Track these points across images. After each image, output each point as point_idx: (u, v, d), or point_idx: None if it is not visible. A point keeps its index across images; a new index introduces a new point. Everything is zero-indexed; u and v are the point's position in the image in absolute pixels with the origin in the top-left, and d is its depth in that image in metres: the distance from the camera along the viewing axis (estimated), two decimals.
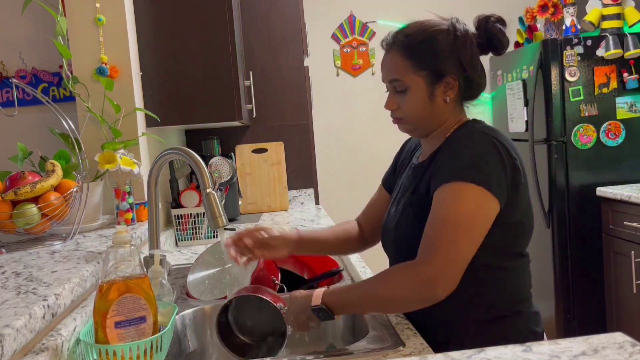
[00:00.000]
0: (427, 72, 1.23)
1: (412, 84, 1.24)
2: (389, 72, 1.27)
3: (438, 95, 1.24)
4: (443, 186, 1.15)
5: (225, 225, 1.37)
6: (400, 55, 1.25)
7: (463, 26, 1.25)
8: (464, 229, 1.11)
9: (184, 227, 2.32)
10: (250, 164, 2.96)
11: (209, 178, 1.37)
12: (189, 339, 1.44)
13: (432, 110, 1.25)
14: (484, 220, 1.13)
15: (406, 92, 1.25)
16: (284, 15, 3.02)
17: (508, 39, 1.27)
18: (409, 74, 1.23)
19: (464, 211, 1.11)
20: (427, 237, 1.13)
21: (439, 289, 1.10)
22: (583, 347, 0.79)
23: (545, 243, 3.23)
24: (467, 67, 1.23)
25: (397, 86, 1.26)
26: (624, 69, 3.15)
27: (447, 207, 1.13)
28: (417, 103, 1.24)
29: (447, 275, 1.10)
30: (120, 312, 1.01)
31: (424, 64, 1.22)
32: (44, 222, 1.59)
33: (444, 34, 1.23)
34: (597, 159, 3.17)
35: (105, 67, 2.00)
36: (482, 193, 1.12)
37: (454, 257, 1.10)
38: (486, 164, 1.14)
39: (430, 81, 1.23)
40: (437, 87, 1.23)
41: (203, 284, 1.58)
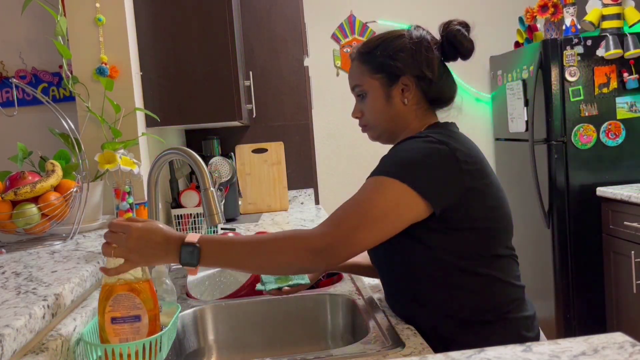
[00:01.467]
0: (381, 74, 1.27)
1: (369, 88, 1.28)
2: (351, 79, 1.34)
3: (395, 97, 1.26)
4: (371, 177, 1.18)
5: (222, 222, 1.37)
6: (358, 62, 1.31)
7: (421, 32, 1.28)
8: (370, 220, 1.12)
9: (184, 227, 2.32)
10: (250, 164, 2.96)
11: (209, 178, 1.38)
12: (189, 339, 1.44)
13: (393, 113, 1.28)
14: (396, 217, 1.13)
15: (366, 96, 1.29)
16: (284, 15, 3.02)
17: (471, 41, 1.26)
18: (366, 78, 1.28)
19: (377, 203, 1.13)
20: (335, 214, 1.15)
21: (322, 261, 1.11)
22: (583, 347, 0.79)
23: (545, 243, 3.23)
24: (424, 68, 1.24)
25: (357, 92, 1.31)
26: (624, 69, 3.15)
27: (365, 195, 1.15)
28: (375, 106, 1.28)
29: (333, 252, 1.11)
30: (116, 308, 1.01)
31: (378, 66, 1.27)
32: (44, 222, 1.59)
33: (399, 38, 1.27)
34: (597, 159, 3.17)
35: (105, 67, 2.00)
36: (404, 191, 1.13)
37: (347, 240, 1.11)
38: (421, 166, 1.15)
39: (385, 83, 1.26)
40: (394, 89, 1.26)
41: (203, 284, 1.58)
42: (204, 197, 1.37)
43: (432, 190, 1.14)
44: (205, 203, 1.37)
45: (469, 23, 1.27)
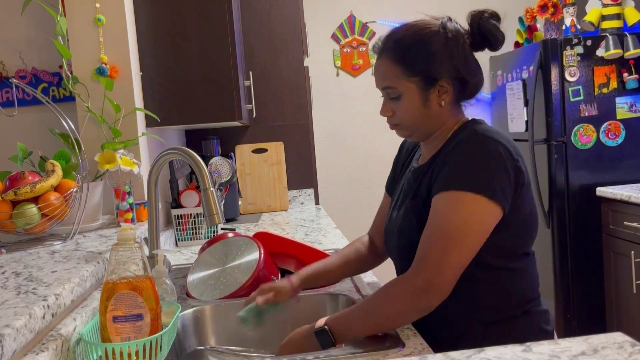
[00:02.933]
0: (419, 77, 1.20)
1: (404, 90, 1.21)
2: (382, 79, 1.25)
3: (433, 100, 1.22)
4: (440, 194, 1.15)
5: (221, 222, 1.37)
6: (391, 61, 1.22)
7: (454, 25, 1.22)
8: (456, 240, 1.11)
9: (184, 227, 2.32)
10: (250, 164, 2.96)
11: (209, 178, 1.38)
12: (189, 339, 1.44)
13: (428, 115, 1.23)
14: (480, 229, 1.12)
15: (400, 98, 1.23)
16: (284, 15, 3.02)
17: (503, 33, 1.23)
18: (401, 81, 1.21)
19: (456, 221, 1.11)
20: (420, 247, 1.15)
21: (432, 297, 1.11)
22: (583, 347, 0.79)
23: (545, 243, 3.23)
24: (461, 69, 1.20)
25: (390, 93, 1.24)
26: (624, 69, 3.15)
27: (440, 217, 1.13)
28: (411, 109, 1.22)
29: (438, 284, 1.10)
30: (118, 307, 1.01)
31: (416, 69, 1.20)
32: (44, 222, 1.59)
33: (435, 36, 1.20)
34: (597, 159, 3.17)
35: (105, 67, 2.00)
36: (479, 201, 1.11)
37: (444, 267, 1.10)
38: (486, 170, 1.13)
39: (423, 87, 1.21)
40: (431, 92, 1.21)
41: (203, 284, 1.58)
42: (204, 197, 1.37)
43: (498, 191, 1.12)
44: (205, 203, 1.37)
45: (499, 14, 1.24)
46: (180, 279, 1.74)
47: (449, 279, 1.11)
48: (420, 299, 1.11)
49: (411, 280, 1.12)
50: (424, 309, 1.13)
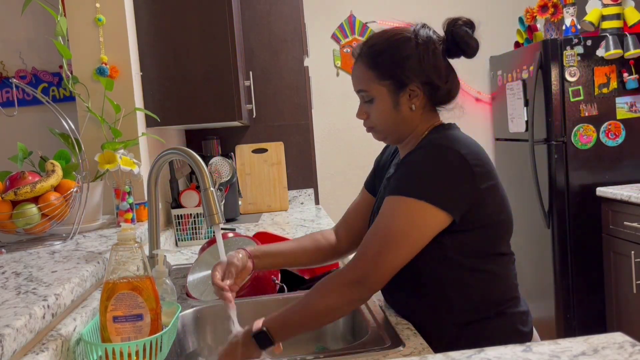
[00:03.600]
0: (389, 81, 1.24)
1: (376, 94, 1.26)
2: (356, 82, 1.29)
3: (403, 104, 1.25)
4: (388, 197, 1.20)
5: (221, 222, 1.37)
6: (364, 65, 1.27)
7: (427, 32, 1.25)
8: (392, 242, 1.15)
9: (184, 227, 2.32)
10: (250, 164, 2.96)
11: (209, 178, 1.38)
12: (189, 339, 1.44)
13: (400, 119, 1.26)
14: (419, 234, 1.15)
15: (373, 101, 1.27)
16: (284, 15, 3.02)
17: (476, 40, 1.25)
18: (373, 84, 1.25)
19: (395, 225, 1.16)
20: (360, 244, 1.19)
21: (364, 290, 1.16)
22: (583, 347, 0.79)
23: (545, 243, 3.23)
24: (431, 75, 1.23)
25: (364, 96, 1.28)
26: (624, 69, 3.15)
27: (383, 218, 1.18)
28: (383, 112, 1.26)
29: (370, 278, 1.15)
30: (118, 307, 1.01)
31: (386, 73, 1.24)
32: (44, 222, 1.59)
33: (406, 42, 1.24)
34: (597, 159, 3.17)
35: (105, 67, 2.00)
36: (420, 207, 1.14)
37: (377, 265, 1.14)
38: (434, 178, 1.16)
39: (393, 90, 1.24)
40: (402, 96, 1.24)
41: (203, 284, 1.58)
42: (204, 197, 1.37)
43: (450, 200, 1.15)
44: (205, 203, 1.37)
45: (473, 21, 1.26)
46: (180, 279, 1.74)
47: (381, 276, 1.15)
48: (352, 291, 1.15)
49: (345, 274, 1.17)
50: (356, 301, 1.18)
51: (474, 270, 1.20)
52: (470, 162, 1.16)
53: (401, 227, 1.15)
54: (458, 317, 1.21)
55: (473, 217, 1.17)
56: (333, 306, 1.17)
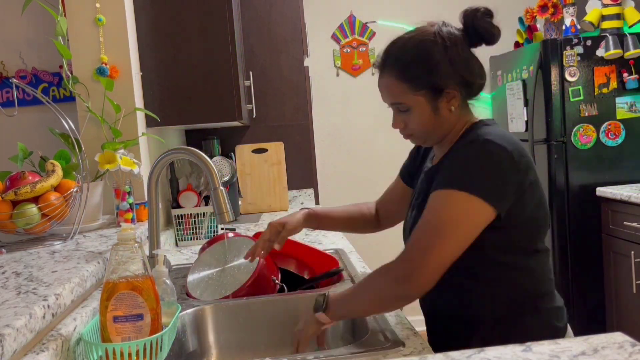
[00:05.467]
0: (426, 90, 1.22)
1: (413, 104, 1.23)
2: (388, 96, 1.26)
3: (442, 108, 1.24)
4: (435, 192, 1.18)
5: (231, 220, 1.38)
6: (394, 79, 1.23)
7: (449, 30, 1.23)
8: (443, 235, 1.13)
9: (185, 227, 2.32)
10: (250, 164, 2.96)
11: (217, 176, 1.39)
12: (189, 339, 1.44)
13: (440, 122, 1.25)
14: (468, 228, 1.14)
15: (410, 111, 1.24)
16: (284, 15, 3.02)
17: (498, 28, 1.24)
18: (409, 96, 1.23)
19: (446, 218, 1.14)
20: (410, 239, 1.18)
21: (411, 288, 1.14)
22: (583, 347, 0.79)
23: (546, 243, 3.23)
24: (465, 74, 1.22)
25: (400, 107, 1.25)
26: (623, 69, 3.15)
27: (431, 212, 1.17)
28: (423, 120, 1.24)
29: (418, 275, 1.13)
30: (118, 307, 1.01)
31: (421, 84, 1.21)
32: (44, 222, 1.59)
33: (433, 47, 1.21)
34: (597, 159, 3.17)
35: (105, 67, 2.00)
36: (471, 201, 1.13)
37: (426, 260, 1.13)
38: (482, 171, 1.15)
39: (431, 98, 1.22)
40: (440, 101, 1.23)
41: (203, 284, 1.58)
42: (214, 196, 1.38)
43: (496, 194, 1.14)
44: (215, 202, 1.38)
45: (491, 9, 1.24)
46: (180, 279, 1.74)
47: (430, 273, 1.13)
48: (399, 288, 1.15)
49: (393, 269, 1.17)
50: (403, 298, 1.17)
51: (510, 266, 1.21)
52: (516, 157, 1.16)
53: (450, 220, 1.14)
54: (493, 313, 1.21)
55: (515, 213, 1.17)
56: (380, 300, 1.19)
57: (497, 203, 1.14)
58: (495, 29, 1.24)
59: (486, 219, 1.15)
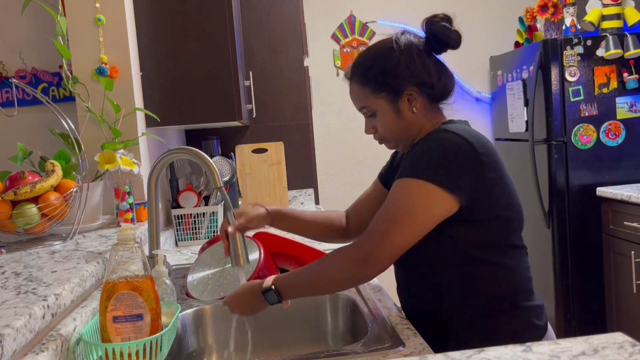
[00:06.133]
0: (385, 92, 1.28)
1: (376, 107, 1.30)
2: (355, 101, 1.34)
3: (404, 109, 1.28)
4: (395, 181, 1.22)
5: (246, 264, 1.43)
6: (358, 84, 1.32)
7: (407, 37, 1.29)
8: (399, 221, 1.18)
9: (185, 227, 2.32)
10: (250, 164, 2.96)
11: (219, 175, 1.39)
12: (188, 339, 1.44)
13: (405, 124, 1.30)
14: (425, 214, 1.18)
15: (375, 115, 1.31)
16: (284, 15, 3.02)
17: (457, 32, 1.28)
18: (371, 99, 1.30)
19: (402, 204, 1.18)
20: (370, 224, 1.22)
21: (369, 268, 1.18)
22: (583, 347, 0.79)
23: (545, 243, 3.23)
24: (423, 75, 1.26)
25: (366, 112, 1.33)
26: (624, 69, 3.15)
27: (390, 199, 1.21)
28: (388, 122, 1.30)
29: (376, 257, 1.17)
30: (118, 307, 1.01)
31: (380, 86, 1.28)
32: (44, 222, 1.59)
33: (390, 52, 1.28)
34: (597, 159, 3.17)
35: (105, 67, 2.00)
36: (428, 189, 1.16)
37: (384, 244, 1.17)
38: (439, 161, 1.18)
39: (391, 99, 1.28)
40: (401, 103, 1.28)
41: (203, 284, 1.58)
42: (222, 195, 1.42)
43: (456, 184, 1.16)
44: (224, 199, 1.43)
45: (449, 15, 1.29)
46: (180, 279, 1.74)
47: (387, 255, 1.18)
48: (358, 268, 1.18)
49: (352, 250, 1.20)
50: (360, 278, 1.21)
51: (486, 262, 1.21)
52: (477, 150, 1.18)
53: (407, 207, 1.18)
54: (472, 310, 1.22)
55: (481, 207, 1.18)
56: (337, 279, 1.22)
57: (455, 191, 1.16)
58: (452, 32, 1.27)
59: (445, 207, 1.17)
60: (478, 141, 1.20)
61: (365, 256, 1.18)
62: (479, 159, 1.18)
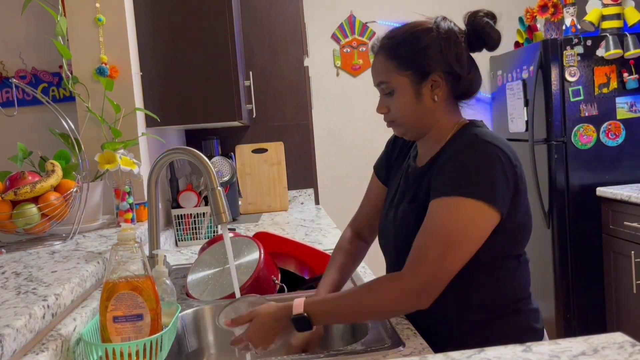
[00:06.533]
0: (411, 71, 1.21)
1: (397, 85, 1.22)
2: (376, 75, 1.27)
3: (425, 95, 1.22)
4: (440, 199, 1.15)
5: (229, 221, 1.37)
6: (384, 57, 1.24)
7: (448, 24, 1.23)
8: (454, 245, 1.12)
9: (185, 227, 2.32)
10: (250, 164, 2.96)
11: (215, 177, 1.38)
12: (188, 339, 1.44)
13: (422, 111, 1.23)
14: (477, 235, 1.13)
15: (393, 93, 1.24)
16: (284, 15, 3.02)
17: (498, 32, 1.24)
18: (394, 75, 1.22)
19: (456, 227, 1.12)
20: (416, 248, 1.14)
21: (423, 300, 1.12)
22: (583, 347, 0.79)
23: (545, 243, 3.23)
24: (453, 64, 1.21)
25: (384, 89, 1.25)
26: (624, 69, 3.15)
27: (440, 220, 1.13)
28: (405, 104, 1.23)
29: (431, 287, 1.11)
30: (118, 307, 1.01)
31: (407, 63, 1.21)
32: (44, 222, 1.59)
33: (427, 32, 1.22)
34: (597, 159, 3.17)
35: (105, 67, 2.00)
36: (479, 207, 1.12)
37: (439, 271, 1.11)
38: (487, 176, 1.13)
39: (415, 80, 1.21)
40: (424, 86, 1.21)
41: (203, 284, 1.58)
42: (212, 196, 1.37)
43: (498, 197, 1.13)
44: (213, 202, 1.37)
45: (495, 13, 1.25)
46: (180, 279, 1.74)
47: (444, 282, 1.12)
48: (416, 299, 1.12)
49: (407, 281, 1.13)
50: (413, 308, 1.15)
51: (493, 270, 1.20)
52: (513, 162, 1.16)
53: (460, 229, 1.12)
54: (474, 315, 1.21)
55: (509, 218, 1.16)
56: (389, 311, 1.17)
57: (502, 207, 1.14)
58: (495, 32, 1.23)
59: (493, 223, 1.14)
60: (512, 152, 1.17)
61: (423, 287, 1.11)
62: (515, 171, 1.15)
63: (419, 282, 1.11)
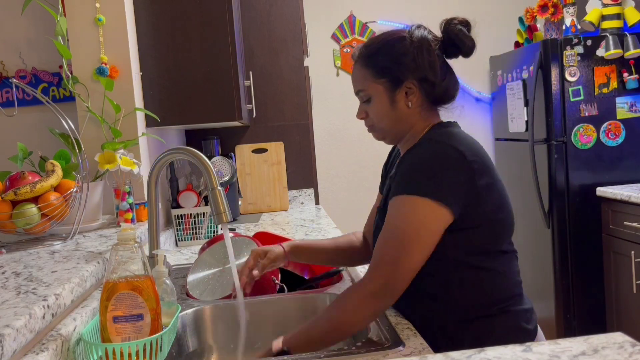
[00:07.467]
0: (385, 79, 1.27)
1: (373, 92, 1.28)
2: (355, 83, 1.33)
3: (400, 101, 1.27)
4: (392, 199, 1.20)
5: (229, 221, 1.38)
6: (361, 65, 1.30)
7: (421, 32, 1.27)
8: (407, 244, 1.15)
9: (185, 227, 2.32)
10: (250, 164, 2.96)
11: (215, 177, 1.38)
12: (189, 339, 1.44)
13: (397, 116, 1.28)
14: (428, 232, 1.16)
15: (370, 100, 1.30)
16: (284, 15, 3.02)
17: (472, 39, 1.27)
18: (370, 83, 1.28)
19: (405, 227, 1.16)
20: (375, 251, 1.19)
21: (388, 300, 1.16)
22: (583, 347, 0.79)
23: (545, 243, 3.23)
24: (426, 71, 1.25)
25: (362, 96, 1.31)
26: (624, 69, 3.15)
27: (393, 220, 1.18)
28: (380, 110, 1.29)
29: (390, 288, 1.15)
30: (118, 307, 1.01)
31: (382, 71, 1.27)
32: (44, 222, 1.59)
33: (400, 41, 1.26)
34: (597, 159, 3.17)
35: (105, 67, 2.00)
36: (427, 205, 1.15)
37: (395, 271, 1.15)
38: (436, 174, 1.16)
39: (390, 88, 1.27)
40: (398, 93, 1.26)
41: (203, 284, 1.58)
42: (212, 196, 1.38)
43: (450, 196, 1.15)
44: (213, 202, 1.38)
45: (469, 21, 1.28)
46: (180, 279, 1.74)
47: (403, 282, 1.16)
48: (377, 303, 1.16)
49: (367, 286, 1.17)
50: (380, 311, 1.19)
51: (476, 268, 1.21)
52: (468, 157, 1.17)
53: (411, 229, 1.15)
54: (462, 315, 1.21)
55: (471, 215, 1.18)
56: (358, 319, 1.18)
57: (451, 204, 1.15)
58: (468, 39, 1.26)
59: (444, 221, 1.16)
60: (468, 149, 1.19)
61: (382, 288, 1.15)
62: (470, 167, 1.17)
63: (378, 285, 1.16)
